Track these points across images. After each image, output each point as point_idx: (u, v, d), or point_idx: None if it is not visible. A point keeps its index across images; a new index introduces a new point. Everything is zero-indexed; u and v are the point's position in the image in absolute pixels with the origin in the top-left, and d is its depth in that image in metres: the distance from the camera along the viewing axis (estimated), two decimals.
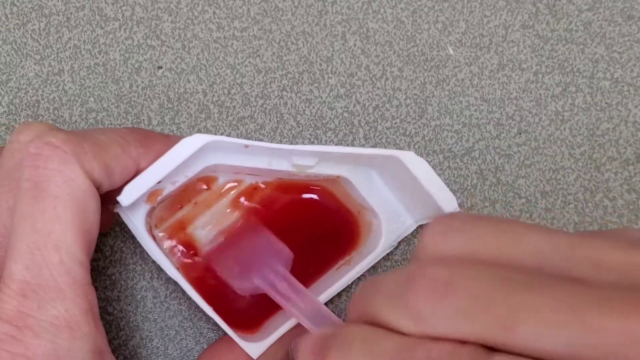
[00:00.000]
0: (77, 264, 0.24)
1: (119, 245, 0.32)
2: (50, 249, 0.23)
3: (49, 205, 0.23)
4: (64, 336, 0.23)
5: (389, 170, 0.30)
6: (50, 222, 0.23)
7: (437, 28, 0.34)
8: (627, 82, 0.34)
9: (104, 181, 0.25)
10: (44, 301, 0.23)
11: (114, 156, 0.25)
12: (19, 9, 0.34)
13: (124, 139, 0.26)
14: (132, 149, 0.26)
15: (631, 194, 0.34)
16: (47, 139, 0.24)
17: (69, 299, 0.23)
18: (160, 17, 0.34)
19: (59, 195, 0.24)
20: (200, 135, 0.26)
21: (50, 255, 0.23)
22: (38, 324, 0.23)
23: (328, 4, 0.34)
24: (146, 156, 0.26)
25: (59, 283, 0.23)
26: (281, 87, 0.34)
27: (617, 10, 0.35)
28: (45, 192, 0.23)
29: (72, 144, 0.24)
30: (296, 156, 0.28)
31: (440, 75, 0.34)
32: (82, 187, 0.24)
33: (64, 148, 0.24)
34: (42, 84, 0.33)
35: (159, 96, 0.34)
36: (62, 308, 0.23)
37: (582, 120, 0.34)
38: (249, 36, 0.34)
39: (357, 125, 0.34)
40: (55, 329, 0.23)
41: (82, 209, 0.24)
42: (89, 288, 0.24)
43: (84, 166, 0.24)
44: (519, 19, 0.35)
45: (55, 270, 0.23)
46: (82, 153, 0.24)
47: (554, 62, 0.34)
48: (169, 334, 0.32)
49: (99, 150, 0.25)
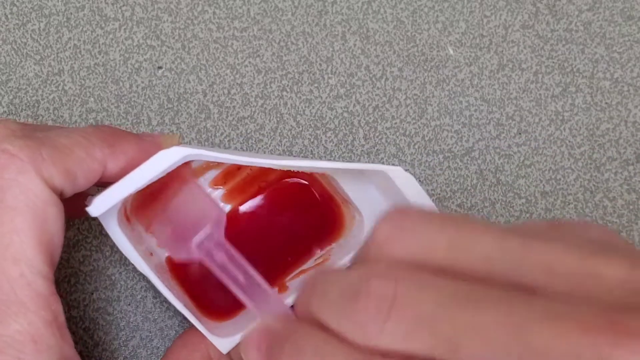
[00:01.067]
0: (38, 276, 0.23)
1: None
2: (9, 262, 0.22)
3: (6, 217, 0.23)
4: (29, 350, 0.22)
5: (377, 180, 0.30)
6: (8, 235, 0.23)
7: (437, 28, 0.34)
8: (627, 82, 0.34)
9: (65, 187, 0.24)
10: (5, 316, 0.22)
11: (76, 160, 0.24)
12: (19, 9, 0.34)
13: (88, 140, 0.25)
14: (97, 150, 0.25)
15: (631, 194, 0.34)
16: (3, 146, 0.23)
17: (32, 312, 0.23)
18: (160, 17, 0.34)
19: (17, 207, 0.23)
20: (178, 149, 0.25)
21: (9, 269, 0.22)
22: (1, 339, 0.22)
23: (328, 4, 0.34)
24: (113, 157, 0.25)
25: (20, 297, 0.23)
26: (281, 87, 0.34)
27: (617, 10, 0.35)
28: (2, 203, 0.23)
29: (30, 150, 0.23)
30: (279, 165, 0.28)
31: (440, 75, 0.34)
32: (40, 197, 0.23)
33: (20, 156, 0.23)
34: (42, 84, 0.33)
35: (159, 96, 0.34)
36: (24, 322, 0.22)
37: (582, 120, 0.34)
38: (249, 36, 0.34)
39: (357, 125, 0.34)
40: (19, 344, 0.22)
41: (42, 218, 0.23)
42: (52, 298, 0.23)
43: (42, 174, 0.23)
44: (519, 19, 0.35)
45: (16, 284, 0.22)
46: (40, 160, 0.23)
47: (554, 62, 0.34)
48: (169, 334, 0.32)
49: (59, 155, 0.24)
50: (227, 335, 0.28)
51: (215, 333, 0.27)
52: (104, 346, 0.32)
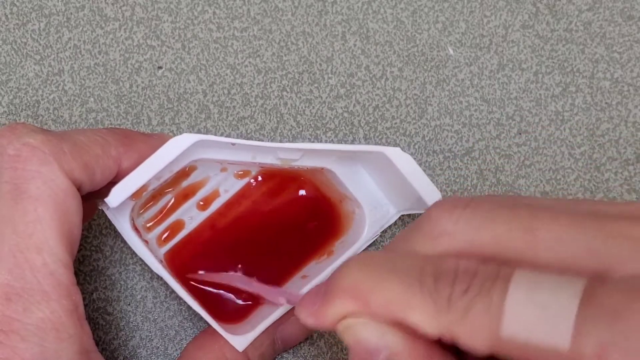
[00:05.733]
0: (60, 265, 0.23)
1: (119, 245, 0.32)
2: (32, 251, 0.23)
3: (30, 207, 0.23)
4: (51, 338, 0.23)
5: (374, 165, 0.30)
6: (31, 224, 0.23)
7: (437, 28, 0.34)
8: (627, 82, 0.34)
9: (84, 181, 0.25)
10: (29, 304, 0.23)
11: (93, 156, 0.25)
12: (19, 9, 0.34)
13: (104, 139, 0.26)
14: (112, 148, 0.26)
15: (631, 194, 0.34)
16: (25, 140, 0.24)
17: (54, 300, 0.23)
18: (160, 17, 0.34)
19: (40, 197, 0.23)
20: (189, 135, 0.26)
21: (33, 258, 0.23)
22: (24, 327, 0.23)
23: (328, 4, 0.34)
24: (127, 155, 0.26)
25: (43, 285, 0.23)
26: (281, 87, 0.34)
27: (617, 10, 0.35)
28: (25, 193, 0.23)
29: (51, 144, 0.24)
30: (281, 151, 0.29)
31: (440, 76, 0.34)
32: (62, 188, 0.24)
33: (43, 149, 0.24)
34: (42, 84, 0.33)
35: (159, 96, 0.34)
36: (47, 310, 0.23)
37: (582, 120, 0.34)
38: (249, 36, 0.34)
39: (357, 126, 0.34)
40: (42, 332, 0.23)
41: (63, 209, 0.24)
42: (73, 289, 0.24)
43: (64, 166, 0.24)
44: (519, 19, 0.35)
45: (39, 273, 0.23)
46: (61, 153, 0.24)
47: (554, 62, 0.34)
48: (169, 334, 0.32)
49: (78, 150, 0.25)
50: (242, 333, 0.28)
51: (230, 332, 0.28)
52: (103, 346, 0.32)
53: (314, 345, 0.32)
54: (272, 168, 0.31)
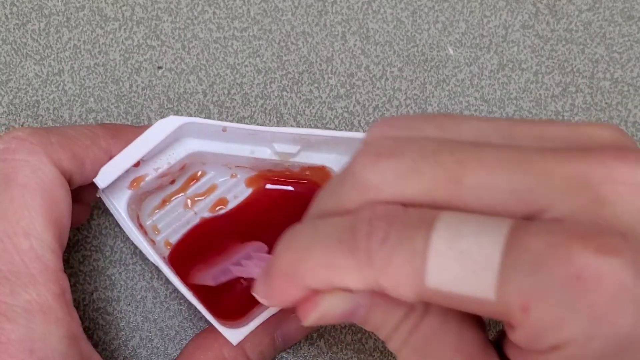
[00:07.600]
0: (47, 250, 0.24)
1: (118, 245, 0.32)
2: (20, 235, 0.24)
3: (17, 193, 0.24)
4: (38, 320, 0.23)
5: None
6: (19, 210, 0.24)
7: (437, 28, 0.34)
8: (627, 82, 0.34)
9: (73, 171, 0.25)
10: (15, 286, 0.23)
11: (82, 147, 0.26)
12: (19, 9, 0.34)
13: (92, 132, 0.26)
14: (102, 140, 0.26)
15: None
16: (14, 134, 0.25)
17: (41, 284, 0.24)
18: (160, 17, 0.34)
19: (27, 184, 0.24)
20: (176, 117, 0.26)
21: (20, 242, 0.23)
22: (11, 309, 0.23)
23: (328, 4, 0.34)
24: (117, 146, 0.27)
25: (30, 269, 0.23)
26: (281, 87, 0.34)
27: (617, 10, 0.35)
28: (13, 181, 0.24)
29: (38, 135, 0.25)
30: (278, 143, 0.28)
31: (440, 76, 0.34)
32: (49, 176, 0.24)
33: (31, 140, 0.24)
34: (42, 84, 0.33)
35: (159, 96, 0.34)
36: (34, 293, 0.23)
37: (582, 120, 0.34)
38: (249, 36, 0.34)
39: (357, 126, 0.34)
40: (29, 314, 0.23)
41: (51, 197, 0.24)
42: (61, 274, 0.24)
43: (51, 156, 0.25)
44: (519, 19, 0.35)
45: (26, 256, 0.23)
46: (48, 144, 0.25)
47: (554, 62, 0.34)
48: (169, 334, 0.32)
49: (66, 141, 0.25)
50: (237, 327, 0.28)
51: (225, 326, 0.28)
52: (103, 346, 0.32)
53: (314, 345, 0.32)
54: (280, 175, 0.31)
